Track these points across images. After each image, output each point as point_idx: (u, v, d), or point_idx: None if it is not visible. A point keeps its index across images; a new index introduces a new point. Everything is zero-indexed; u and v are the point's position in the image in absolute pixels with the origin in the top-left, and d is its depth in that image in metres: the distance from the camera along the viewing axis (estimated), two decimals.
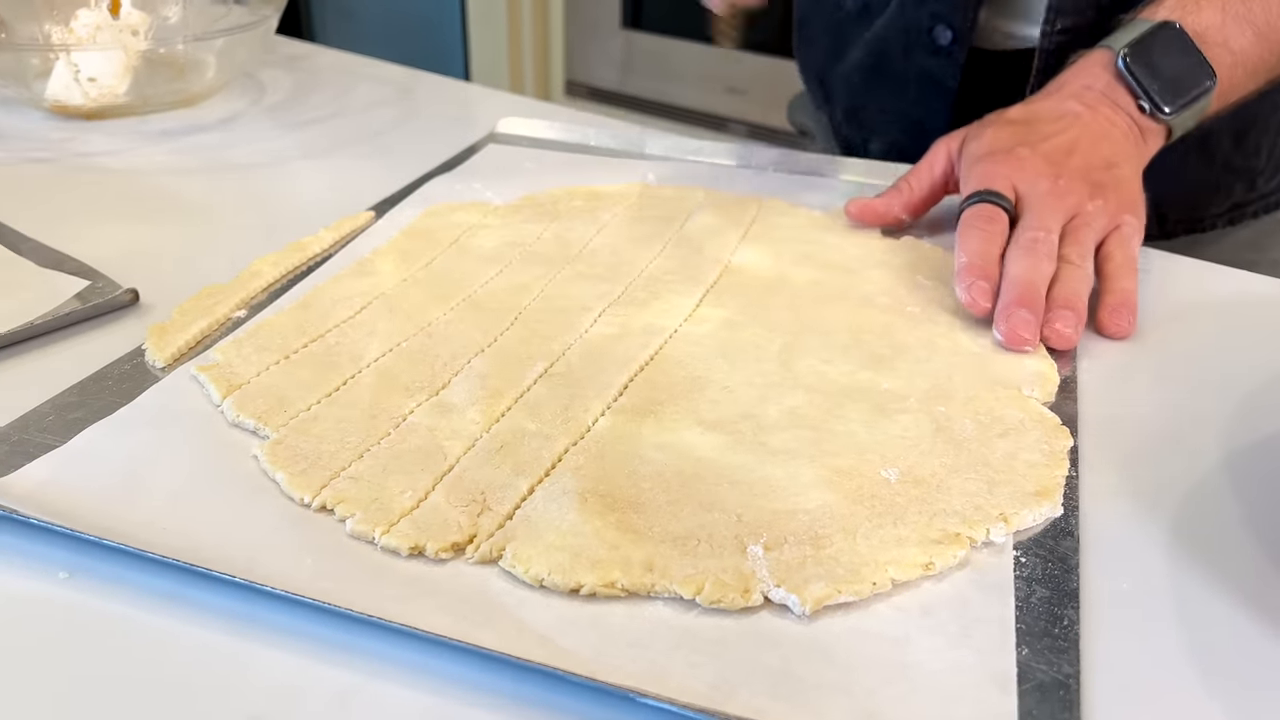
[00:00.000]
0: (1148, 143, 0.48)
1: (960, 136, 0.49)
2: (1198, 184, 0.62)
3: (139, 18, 0.65)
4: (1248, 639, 0.28)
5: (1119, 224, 0.45)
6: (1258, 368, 0.40)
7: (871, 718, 0.24)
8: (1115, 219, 0.45)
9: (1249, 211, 0.64)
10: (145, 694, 0.25)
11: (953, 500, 0.31)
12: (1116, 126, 0.47)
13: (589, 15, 1.75)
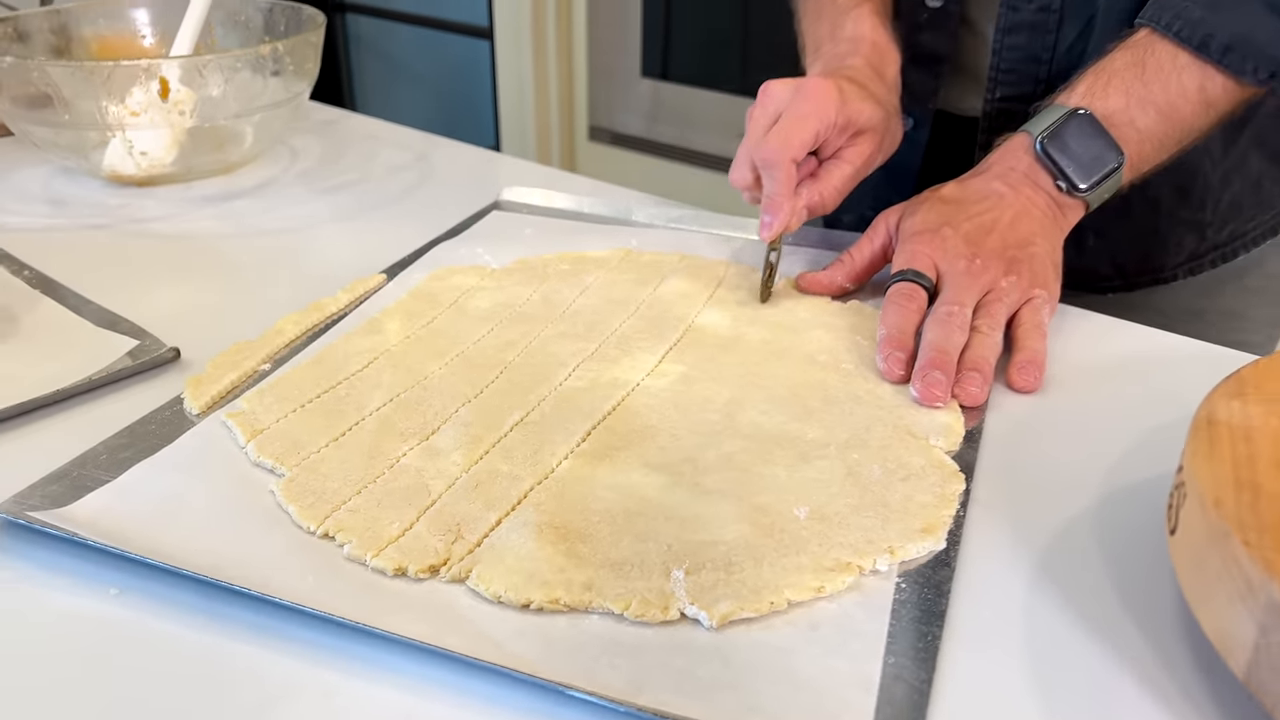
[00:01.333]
0: (1066, 216, 0.54)
1: (899, 212, 0.56)
2: (1152, 240, 0.68)
3: (185, 94, 0.73)
4: (1087, 667, 0.33)
5: (1031, 297, 0.50)
6: (1143, 420, 0.45)
7: (753, 711, 0.30)
8: (1027, 293, 0.50)
9: (1206, 261, 0.69)
10: (178, 683, 0.32)
11: (850, 535, 0.37)
12: (1036, 205, 0.53)
13: (611, 65, 1.83)
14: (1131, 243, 0.68)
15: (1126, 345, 0.53)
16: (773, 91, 0.54)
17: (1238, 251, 0.68)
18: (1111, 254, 0.68)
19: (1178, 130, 0.54)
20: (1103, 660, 0.33)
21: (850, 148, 0.55)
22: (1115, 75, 0.54)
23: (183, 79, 0.71)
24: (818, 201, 0.55)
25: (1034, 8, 0.60)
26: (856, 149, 0.55)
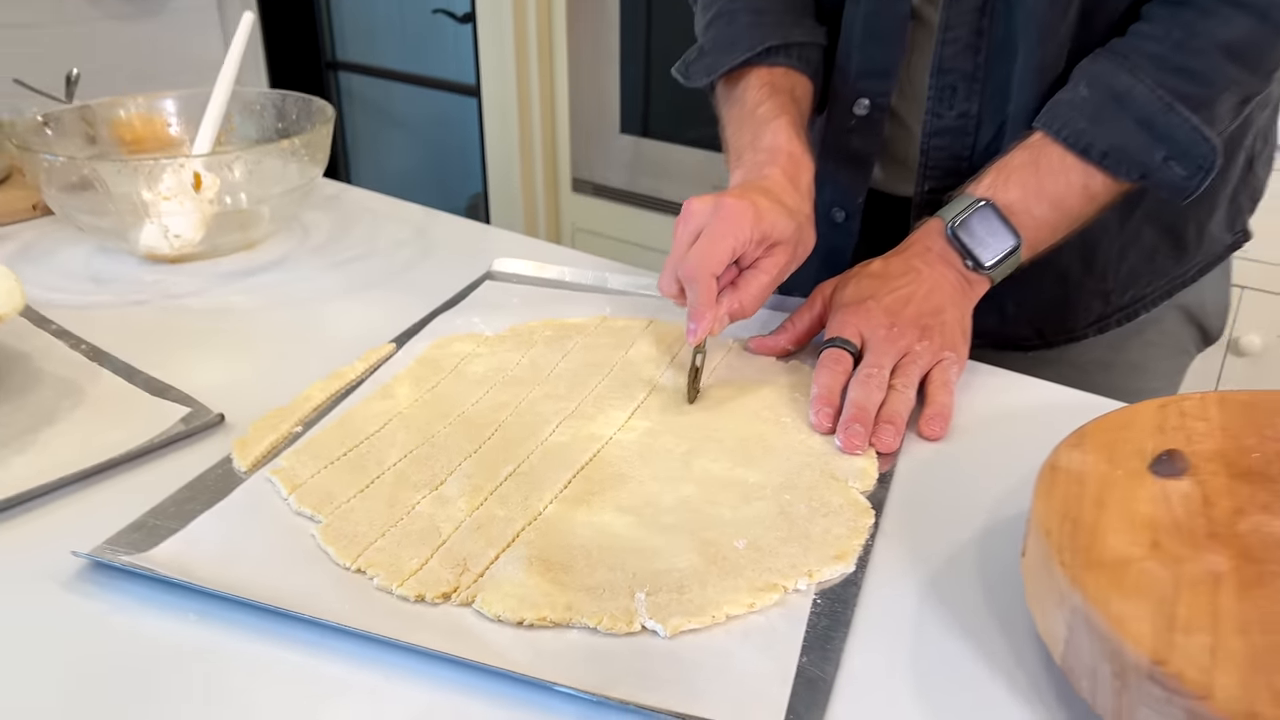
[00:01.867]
0: (974, 289, 0.64)
1: (834, 284, 0.65)
2: (1063, 306, 0.77)
3: (210, 180, 0.83)
4: (959, 664, 0.42)
5: (941, 358, 0.60)
6: (1027, 462, 0.54)
7: (697, 699, 0.39)
8: (939, 355, 0.60)
9: (1112, 321, 0.79)
10: (249, 686, 0.41)
11: (778, 561, 0.46)
12: (948, 280, 0.63)
13: (591, 122, 1.94)
14: (1046, 309, 0.78)
15: (1024, 397, 0.63)
16: (694, 209, 0.60)
17: (1139, 312, 0.78)
18: (1029, 319, 0.78)
19: (1066, 218, 0.64)
20: (972, 657, 0.42)
21: (766, 258, 0.61)
22: (1014, 171, 0.64)
23: (209, 166, 0.80)
24: (738, 309, 0.61)
25: (955, 114, 0.70)
26: (772, 259, 0.61)
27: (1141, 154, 0.61)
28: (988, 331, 0.70)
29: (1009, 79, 0.67)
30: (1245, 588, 0.37)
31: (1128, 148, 0.61)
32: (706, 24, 0.74)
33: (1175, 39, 0.61)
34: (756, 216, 0.59)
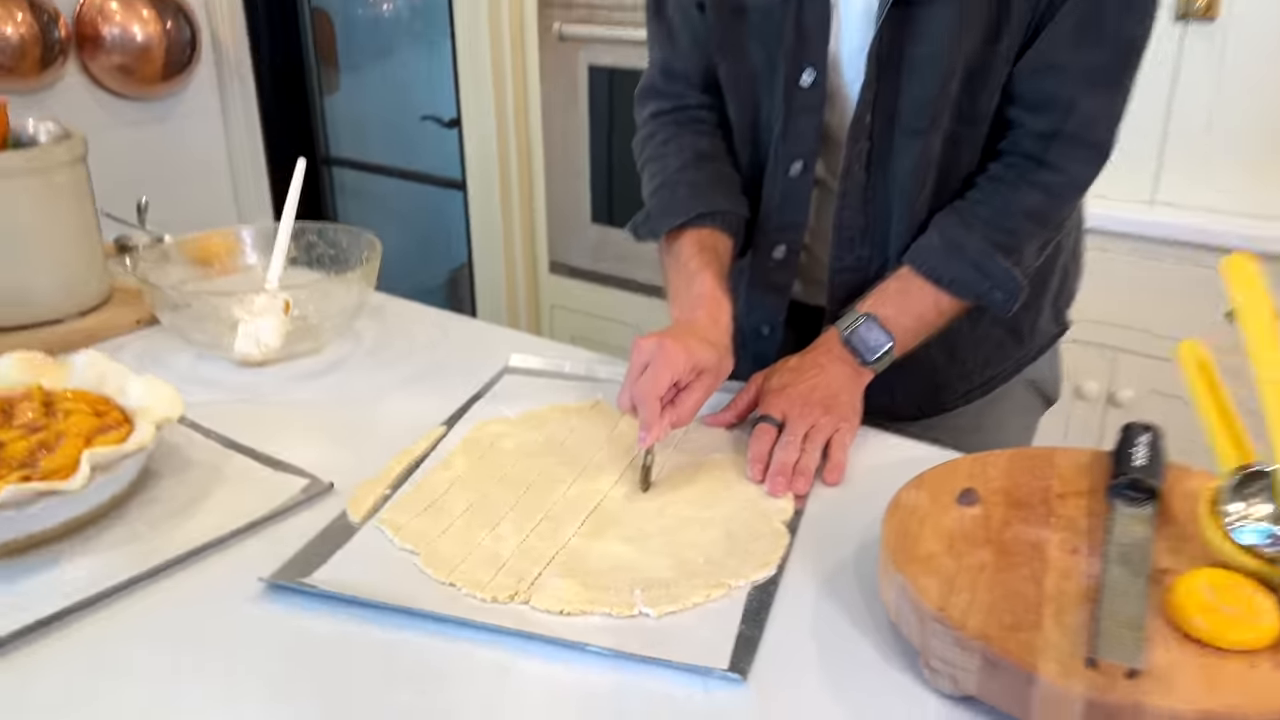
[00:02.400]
0: (862, 377, 0.90)
1: (764, 375, 0.91)
2: (936, 387, 1.03)
3: (285, 299, 1.07)
4: (842, 629, 0.67)
5: (839, 428, 0.85)
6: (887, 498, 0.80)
7: (674, 652, 0.64)
8: (837, 426, 0.85)
9: (974, 395, 1.05)
10: (399, 663, 0.64)
11: (726, 569, 0.71)
12: (843, 372, 0.89)
13: (566, 212, 2.20)
14: (923, 390, 1.03)
15: (900, 454, 0.88)
16: (643, 347, 0.81)
17: (994, 387, 1.04)
18: (912, 398, 1.03)
19: (927, 326, 0.91)
20: (848, 621, 0.67)
21: (697, 381, 0.82)
22: (889, 294, 0.90)
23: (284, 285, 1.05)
24: (677, 420, 0.81)
25: (853, 257, 0.96)
26: (701, 382, 0.82)
27: (974, 285, 0.88)
28: (882, 408, 0.95)
29: (889, 230, 0.93)
30: (998, 571, 0.62)
31: (965, 280, 0.88)
32: (652, 191, 0.99)
33: (995, 205, 0.88)
34: (688, 353, 0.81)
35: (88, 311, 1.16)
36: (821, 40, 0.88)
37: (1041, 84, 0.86)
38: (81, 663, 0.65)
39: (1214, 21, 1.56)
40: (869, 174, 0.92)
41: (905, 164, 0.90)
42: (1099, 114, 0.87)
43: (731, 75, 0.95)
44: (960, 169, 0.91)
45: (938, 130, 0.88)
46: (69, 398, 0.86)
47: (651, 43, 1.02)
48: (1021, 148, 0.88)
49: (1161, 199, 1.68)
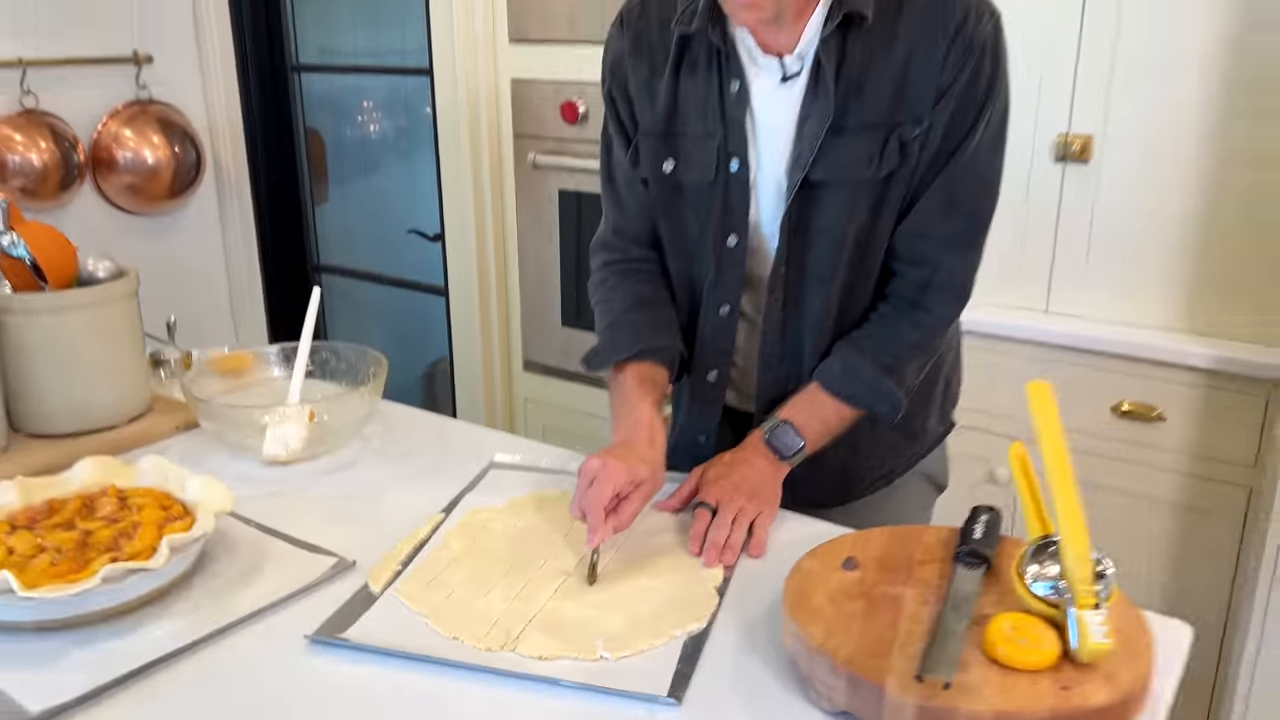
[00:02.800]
0: (781, 471, 1.12)
1: (701, 469, 1.13)
2: (844, 479, 1.25)
3: (309, 409, 1.28)
4: (754, 665, 0.88)
5: (762, 511, 1.07)
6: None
7: (628, 685, 0.84)
8: (760, 509, 1.07)
9: (878, 485, 1.27)
10: (421, 699, 0.84)
11: (668, 622, 0.92)
12: (766, 468, 1.10)
13: (539, 315, 2.44)
14: (836, 482, 1.24)
15: (810, 532, 1.10)
16: (589, 464, 0.99)
17: (893, 479, 1.27)
18: (827, 488, 1.24)
19: (832, 430, 1.13)
20: (760, 659, 0.88)
21: (635, 492, 1.00)
22: (802, 404, 1.13)
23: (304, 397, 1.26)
24: (618, 525, 0.99)
25: (773, 377, 1.18)
26: (639, 492, 1.01)
27: (866, 399, 1.11)
28: (805, 497, 1.17)
29: (803, 355, 1.16)
30: (866, 618, 0.84)
31: (858, 396, 1.11)
32: (602, 329, 1.20)
33: (882, 337, 1.12)
34: (628, 470, 1.00)
35: (135, 419, 1.36)
36: (743, 213, 1.12)
37: (916, 246, 1.11)
38: (161, 707, 0.84)
39: (1088, 164, 1.85)
40: (785, 312, 1.15)
41: (814, 305, 1.14)
42: (959, 269, 1.11)
43: (671, 236, 1.19)
44: (856, 307, 1.15)
45: (838, 280, 1.12)
46: (140, 494, 1.07)
47: (604, 204, 1.26)
48: (902, 293, 1.13)
49: (1053, 310, 1.95)
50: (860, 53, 1.04)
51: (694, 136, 1.11)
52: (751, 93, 1.09)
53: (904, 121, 1.05)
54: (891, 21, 1.03)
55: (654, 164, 1.15)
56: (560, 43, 2.19)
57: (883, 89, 1.04)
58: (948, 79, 1.04)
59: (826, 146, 1.05)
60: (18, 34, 2.44)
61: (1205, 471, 1.78)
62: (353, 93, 2.96)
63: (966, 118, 1.06)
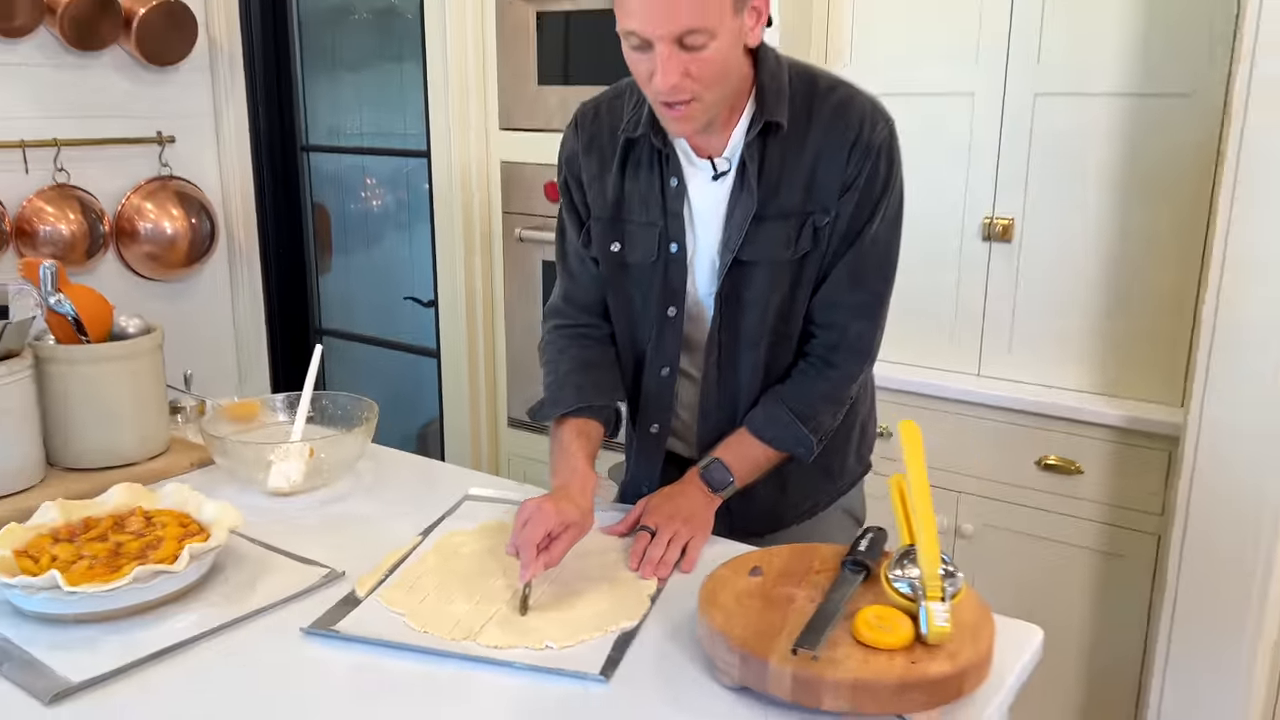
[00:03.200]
0: (714, 503, 1.30)
1: (645, 501, 1.32)
2: (773, 512, 1.43)
3: (309, 445, 1.46)
4: (674, 654, 1.06)
5: (695, 535, 1.25)
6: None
7: (571, 667, 1.02)
8: (694, 533, 1.24)
9: (803, 518, 1.45)
10: (405, 676, 1.02)
11: (606, 619, 1.10)
12: (700, 498, 1.28)
13: (524, 375, 2.64)
14: (767, 513, 1.42)
15: (736, 552, 1.28)
16: (526, 506, 1.15)
17: (816, 512, 1.45)
18: (758, 519, 1.42)
19: (759, 468, 1.32)
20: (678, 649, 1.05)
21: (565, 533, 1.14)
22: (732, 446, 1.32)
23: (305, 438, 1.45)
24: (549, 561, 1.12)
25: (710, 424, 1.37)
26: (569, 533, 1.15)
27: (786, 443, 1.30)
28: (739, 527, 1.36)
29: (737, 407, 1.35)
30: (761, 611, 1.02)
31: (780, 439, 1.30)
32: (547, 386, 1.38)
33: (799, 390, 1.31)
34: (559, 512, 1.15)
35: (156, 456, 1.55)
36: (681, 288, 1.32)
37: (827, 314, 1.31)
38: (180, 682, 1.02)
39: (1011, 243, 2.07)
40: (720, 371, 1.35)
41: (745, 364, 1.34)
42: (864, 333, 1.31)
43: (617, 307, 1.39)
44: (781, 365, 1.34)
45: (765, 342, 1.32)
46: (163, 514, 1.26)
47: (559, 275, 1.45)
48: (815, 352, 1.32)
49: (984, 373, 2.15)
50: (777, 155, 1.25)
51: (638, 224, 1.31)
52: (688, 188, 1.29)
53: (814, 211, 1.25)
54: (803, 130, 1.25)
55: (603, 245, 1.34)
56: (544, 130, 2.43)
57: (796, 185, 1.25)
58: (850, 176, 1.25)
59: (751, 233, 1.25)
60: (54, 117, 2.69)
61: (1120, 520, 1.96)
62: (356, 171, 3.21)
63: (866, 208, 1.27)
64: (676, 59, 1.11)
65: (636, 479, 1.44)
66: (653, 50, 1.11)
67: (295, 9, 3.07)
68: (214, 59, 2.99)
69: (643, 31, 1.10)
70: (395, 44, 3.06)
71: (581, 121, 1.36)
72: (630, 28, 1.11)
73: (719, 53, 1.12)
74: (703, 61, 1.12)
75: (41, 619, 1.10)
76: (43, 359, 1.46)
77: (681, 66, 1.11)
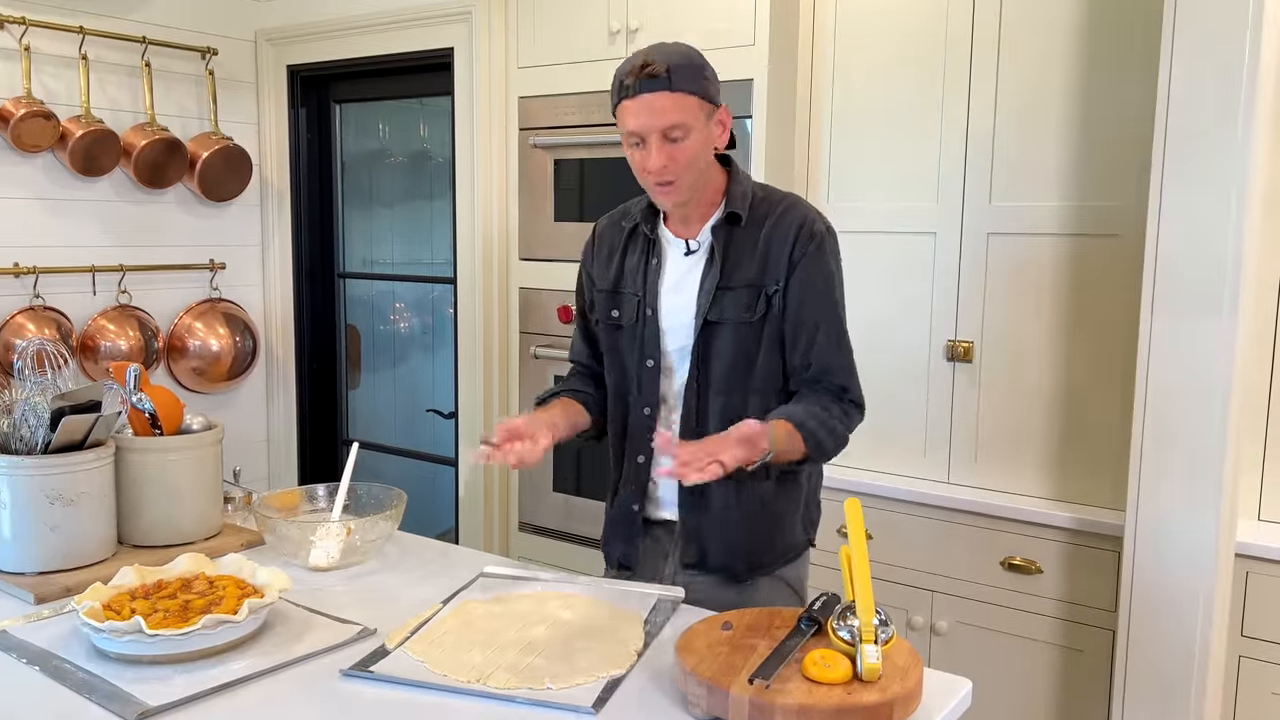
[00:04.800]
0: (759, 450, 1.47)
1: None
2: (760, 552, 1.62)
3: (348, 525, 1.68)
4: (657, 696, 1.25)
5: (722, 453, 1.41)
6: None
7: (570, 703, 1.21)
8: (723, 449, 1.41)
9: (788, 559, 1.65)
10: (411, 713, 1.22)
11: (598, 667, 1.29)
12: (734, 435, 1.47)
13: (534, 482, 2.86)
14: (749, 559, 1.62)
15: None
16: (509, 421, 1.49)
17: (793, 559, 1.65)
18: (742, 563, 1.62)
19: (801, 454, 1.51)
20: (661, 691, 1.25)
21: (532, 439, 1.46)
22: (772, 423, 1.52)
23: (343, 520, 1.67)
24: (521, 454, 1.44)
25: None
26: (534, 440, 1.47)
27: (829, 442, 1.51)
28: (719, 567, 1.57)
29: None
30: (726, 656, 1.22)
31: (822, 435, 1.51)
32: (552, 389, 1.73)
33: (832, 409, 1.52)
34: (528, 424, 1.49)
35: (210, 537, 1.77)
36: (656, 345, 1.62)
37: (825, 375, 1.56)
38: (238, 713, 1.22)
39: (972, 363, 2.31)
40: (697, 416, 1.60)
41: (715, 412, 1.59)
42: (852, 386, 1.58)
43: (612, 361, 1.70)
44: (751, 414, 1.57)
45: (735, 394, 1.58)
46: (223, 579, 1.47)
47: (574, 332, 1.82)
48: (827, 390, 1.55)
49: (953, 480, 2.36)
50: (737, 241, 1.59)
51: (628, 295, 1.66)
52: (665, 266, 1.64)
53: (767, 283, 1.57)
54: (759, 222, 1.59)
55: (605, 311, 1.69)
56: (559, 261, 2.72)
57: (753, 262, 1.57)
58: (797, 254, 1.56)
59: (718, 299, 1.57)
60: (121, 245, 3.01)
61: (1077, 617, 2.14)
62: (387, 296, 3.51)
63: (818, 279, 1.56)
64: (663, 148, 1.50)
65: (626, 503, 1.67)
66: (646, 144, 1.50)
67: (339, 152, 3.44)
68: (264, 195, 3.34)
69: (639, 129, 1.49)
70: (426, 183, 3.41)
71: (598, 227, 1.78)
72: (630, 128, 1.50)
73: (694, 145, 1.51)
74: (681, 150, 1.50)
75: (122, 659, 1.31)
76: (122, 448, 1.70)
77: (667, 153, 1.50)
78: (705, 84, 1.51)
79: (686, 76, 1.49)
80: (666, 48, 1.52)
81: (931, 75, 2.33)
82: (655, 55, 1.49)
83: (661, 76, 1.47)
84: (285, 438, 3.41)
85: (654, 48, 1.52)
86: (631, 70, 1.49)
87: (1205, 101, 1.81)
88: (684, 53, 1.52)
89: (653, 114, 1.48)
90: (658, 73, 1.47)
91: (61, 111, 2.80)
